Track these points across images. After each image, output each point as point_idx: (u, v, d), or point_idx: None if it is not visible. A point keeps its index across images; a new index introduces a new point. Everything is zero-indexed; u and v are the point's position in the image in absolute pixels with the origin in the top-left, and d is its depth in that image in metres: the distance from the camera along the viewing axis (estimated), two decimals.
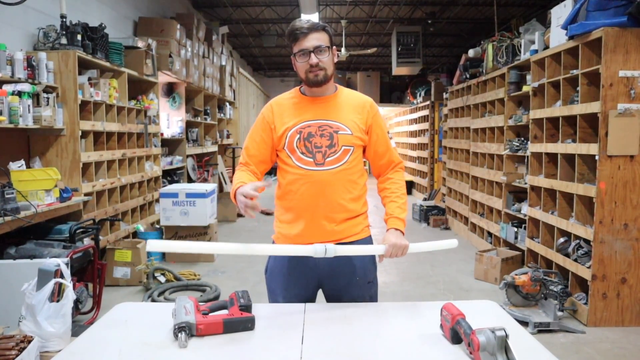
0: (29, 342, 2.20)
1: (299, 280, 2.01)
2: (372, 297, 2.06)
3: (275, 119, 2.01)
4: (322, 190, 1.93)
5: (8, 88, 3.58)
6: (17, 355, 2.06)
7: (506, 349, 1.32)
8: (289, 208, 2.01)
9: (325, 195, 1.93)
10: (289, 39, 1.97)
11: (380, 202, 2.09)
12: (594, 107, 3.73)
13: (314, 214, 1.95)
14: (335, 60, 2.01)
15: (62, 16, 4.33)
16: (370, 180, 2.02)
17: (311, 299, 2.04)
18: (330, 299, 2.05)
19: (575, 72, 4.01)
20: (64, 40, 4.27)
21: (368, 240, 2.06)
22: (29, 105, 3.72)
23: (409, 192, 12.29)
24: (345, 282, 1.99)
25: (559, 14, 4.23)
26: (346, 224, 1.98)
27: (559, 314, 3.71)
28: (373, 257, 2.05)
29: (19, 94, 3.63)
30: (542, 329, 3.65)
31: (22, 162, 3.76)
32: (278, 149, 2.02)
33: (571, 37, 3.99)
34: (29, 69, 3.80)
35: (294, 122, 1.97)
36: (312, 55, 1.90)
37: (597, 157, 3.69)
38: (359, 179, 2.01)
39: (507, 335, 1.33)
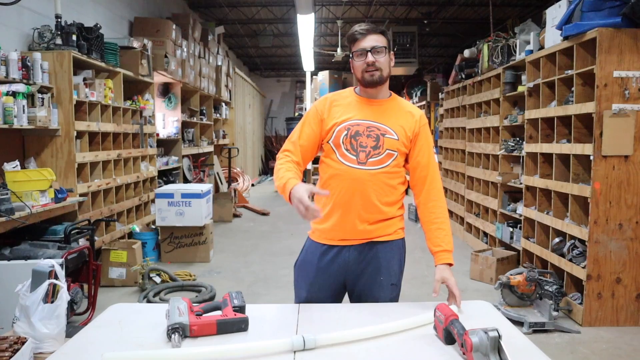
0: (23, 343, 2.19)
1: (327, 279, 2.03)
2: (393, 300, 2.05)
3: (327, 112, 2.06)
4: (359, 188, 1.97)
5: (2, 88, 3.56)
6: (10, 357, 2.05)
7: (499, 350, 1.33)
8: (326, 203, 2.03)
9: (361, 193, 1.97)
10: (349, 41, 2.03)
11: (420, 222, 2.11)
12: (588, 107, 3.74)
13: (348, 210, 1.98)
14: (392, 64, 2.03)
15: (57, 16, 4.32)
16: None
17: (339, 295, 2.05)
18: (353, 298, 2.07)
19: (570, 72, 4.02)
20: (59, 41, 4.26)
21: (400, 244, 2.08)
22: (23, 106, 3.71)
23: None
24: (368, 281, 2.01)
25: (554, 15, 4.24)
26: (378, 225, 2.01)
27: (554, 314, 3.72)
28: (401, 261, 2.07)
29: (14, 94, 3.62)
30: (537, 329, 3.66)
31: (17, 162, 3.74)
32: (324, 142, 2.06)
33: (566, 38, 4.00)
34: (23, 69, 3.79)
35: (344, 119, 2.01)
36: (369, 54, 1.95)
37: (591, 157, 3.71)
38: (398, 185, 2.04)
39: (500, 336, 1.33)
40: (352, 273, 2.02)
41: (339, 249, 2.01)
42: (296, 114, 15.24)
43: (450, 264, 1.98)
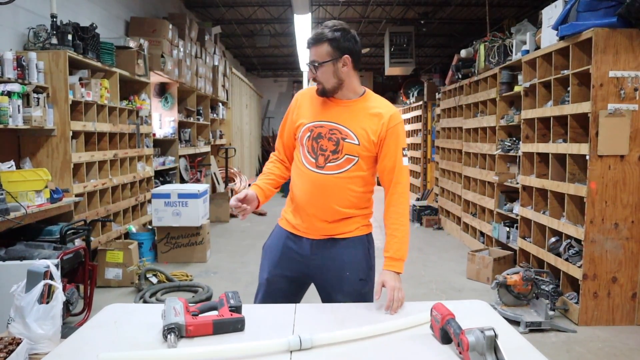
0: (18, 344, 2.18)
1: (289, 264, 2.06)
2: (365, 296, 2.04)
3: (297, 110, 2.08)
4: (317, 192, 1.98)
5: None
6: (5, 358, 2.04)
7: (495, 349, 1.33)
8: (292, 199, 2.09)
9: (319, 197, 1.98)
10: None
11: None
12: (584, 107, 3.75)
13: (308, 212, 2.01)
14: (345, 69, 1.95)
15: (53, 16, 4.30)
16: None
17: (297, 288, 2.06)
18: (322, 294, 2.09)
19: (566, 72, 4.03)
20: (54, 40, 4.24)
21: (364, 239, 2.08)
22: (18, 106, 3.69)
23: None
24: (336, 277, 2.02)
25: (550, 15, 4.25)
26: (338, 223, 2.02)
27: (551, 313, 3.73)
28: (367, 256, 2.07)
29: (9, 94, 3.60)
30: (533, 328, 3.66)
31: (12, 162, 3.73)
32: (295, 137, 2.08)
33: (562, 38, 4.01)
34: (18, 69, 3.78)
35: (309, 119, 2.01)
36: (311, 68, 1.95)
37: (587, 157, 3.71)
38: (362, 187, 2.03)
39: (496, 335, 1.33)
40: (315, 267, 2.04)
41: (303, 239, 2.05)
42: None
43: (398, 272, 1.97)
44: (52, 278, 2.58)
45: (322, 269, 2.03)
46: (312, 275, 2.07)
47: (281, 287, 2.04)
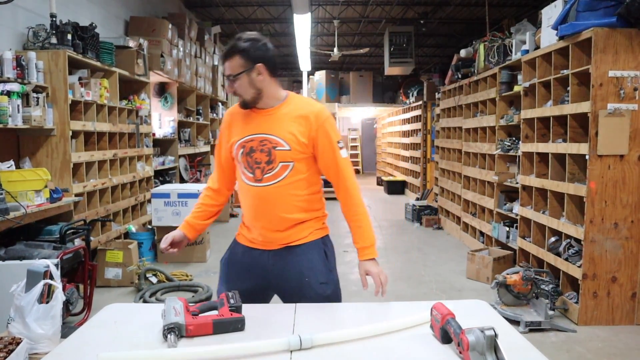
0: (18, 343, 2.18)
1: (247, 277, 2.07)
2: (330, 298, 2.04)
3: (228, 130, 2.09)
4: (263, 205, 2.00)
5: None
6: (5, 357, 2.04)
7: (495, 349, 1.33)
8: (244, 211, 2.11)
9: (266, 210, 2.00)
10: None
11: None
12: (584, 107, 3.75)
13: (257, 225, 2.04)
14: (262, 78, 1.94)
15: (52, 15, 4.30)
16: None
17: (258, 300, 2.02)
18: (284, 300, 2.10)
19: (565, 72, 4.03)
20: (54, 40, 4.24)
21: (318, 243, 2.07)
22: (18, 105, 3.69)
23: (402, 192, 12.31)
24: (296, 284, 2.02)
25: (550, 15, 4.25)
26: (291, 231, 2.02)
27: (550, 313, 3.73)
28: (325, 259, 2.07)
29: (8, 93, 3.60)
30: (533, 327, 3.66)
31: (12, 162, 3.73)
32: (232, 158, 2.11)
33: (561, 38, 4.01)
34: (18, 68, 3.77)
35: (240, 136, 2.01)
36: (229, 82, 1.96)
37: (587, 157, 3.71)
38: (306, 190, 2.02)
39: (496, 335, 1.33)
40: (274, 278, 2.04)
41: (259, 251, 2.06)
42: None
43: (374, 258, 2.02)
44: (52, 278, 2.57)
45: (281, 278, 2.04)
46: (272, 286, 2.08)
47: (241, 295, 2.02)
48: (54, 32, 4.25)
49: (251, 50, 1.91)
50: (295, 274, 2.01)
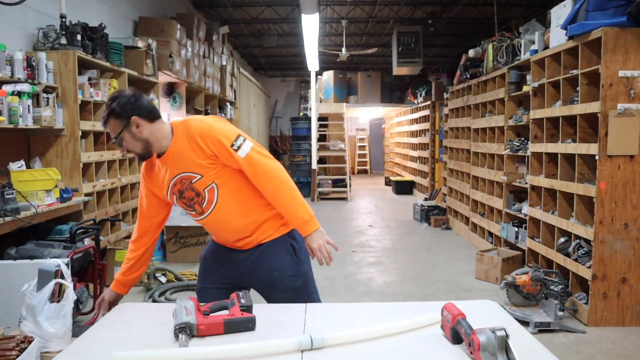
0: (30, 342, 2.19)
1: (220, 270, 2.20)
2: (300, 290, 2.14)
3: (151, 187, 2.16)
4: (221, 227, 2.12)
5: (8, 88, 3.58)
6: (17, 356, 2.06)
7: (507, 349, 1.32)
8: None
9: (225, 228, 2.11)
10: None
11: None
12: (593, 107, 3.73)
13: (223, 239, 2.18)
14: (141, 128, 1.97)
15: (62, 16, 4.33)
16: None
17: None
18: (263, 296, 2.21)
19: (575, 72, 4.01)
20: (63, 40, 4.27)
21: (284, 238, 2.14)
22: (28, 106, 3.72)
23: (410, 192, 12.29)
24: (267, 279, 2.12)
25: (559, 14, 4.23)
26: (256, 233, 2.11)
27: (560, 313, 3.71)
28: (289, 251, 2.14)
29: (19, 94, 3.63)
30: (542, 328, 3.65)
31: (22, 162, 3.75)
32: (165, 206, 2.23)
33: (571, 37, 3.99)
34: (28, 69, 3.80)
35: (165, 186, 2.09)
36: (117, 145, 2.02)
37: (597, 157, 3.69)
38: (246, 194, 2.07)
39: (507, 335, 1.33)
40: (246, 274, 2.15)
41: (234, 250, 2.17)
42: (301, 113, 15.19)
43: (314, 230, 2.03)
44: (62, 277, 2.59)
45: (252, 274, 2.14)
46: (246, 281, 2.17)
47: (215, 295, 2.04)
48: (63, 32, 4.28)
49: (120, 108, 1.96)
50: (264, 269, 2.11)
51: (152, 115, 2.01)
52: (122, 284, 2.20)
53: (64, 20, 4.32)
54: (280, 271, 2.10)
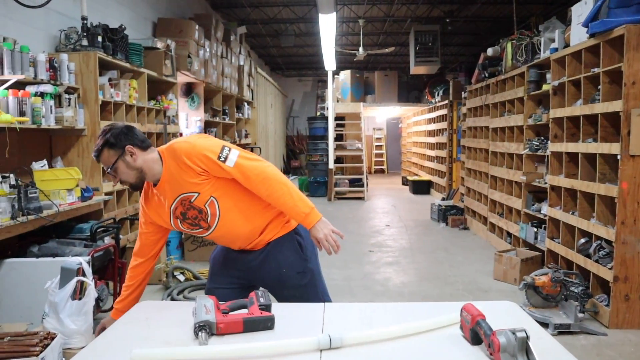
0: (52, 338, 2.24)
1: (229, 270, 2.25)
2: (308, 286, 2.19)
3: (151, 217, 2.19)
4: (228, 236, 2.16)
5: (31, 89, 3.64)
6: (41, 352, 2.10)
7: (527, 351, 1.31)
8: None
9: (233, 237, 2.15)
10: None
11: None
12: (615, 105, 3.67)
13: (235, 246, 2.22)
14: (135, 157, 2.03)
15: (83, 18, 4.39)
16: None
17: (244, 295, 2.08)
18: (271, 293, 2.19)
19: (596, 70, 3.95)
20: (85, 42, 4.33)
21: (289, 235, 2.19)
22: (51, 106, 3.78)
23: (427, 192, 12.23)
24: (275, 276, 2.16)
25: (580, 12, 4.17)
26: (262, 235, 2.16)
27: (580, 315, 3.66)
28: (295, 248, 2.18)
29: (42, 95, 3.69)
30: (562, 330, 3.61)
31: (45, 162, 3.82)
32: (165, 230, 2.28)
33: (592, 35, 3.94)
34: (51, 70, 3.86)
35: (167, 212, 2.13)
36: (112, 177, 2.07)
37: (619, 157, 3.64)
38: (243, 199, 2.10)
39: (527, 337, 1.32)
40: (256, 271, 2.19)
41: (242, 251, 2.22)
42: (318, 113, 15.21)
43: (317, 221, 2.05)
44: (84, 275, 2.64)
45: (260, 272, 2.19)
46: (255, 279, 2.23)
47: (225, 295, 2.06)
48: (85, 34, 4.34)
49: (114, 138, 2.02)
50: (273, 266, 2.16)
51: (145, 144, 2.09)
52: (120, 312, 2.20)
53: (85, 22, 4.38)
54: (288, 268, 2.16)
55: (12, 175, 3.22)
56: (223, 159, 2.00)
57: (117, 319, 2.15)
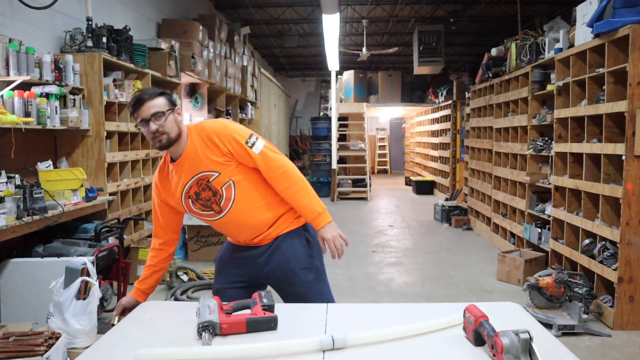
0: (57, 338, 2.24)
1: (239, 272, 2.24)
2: (313, 283, 2.19)
3: (164, 197, 2.20)
4: (237, 225, 2.15)
5: (36, 90, 3.66)
6: (46, 351, 2.10)
7: (530, 352, 1.31)
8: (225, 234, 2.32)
9: (242, 226, 2.15)
10: (131, 111, 2.07)
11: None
12: (620, 106, 3.66)
13: (241, 239, 2.22)
14: (181, 119, 2.08)
15: (88, 19, 4.41)
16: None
17: (246, 294, 2.09)
18: (279, 293, 2.26)
19: (601, 70, 3.94)
20: (89, 43, 4.35)
21: (298, 231, 2.21)
22: (56, 107, 3.80)
23: (431, 192, 12.21)
24: (283, 272, 2.17)
25: (585, 12, 4.16)
26: (271, 228, 2.16)
27: (584, 316, 3.65)
28: (303, 244, 2.19)
29: (47, 95, 3.71)
30: (566, 331, 3.60)
31: (50, 162, 3.83)
32: (179, 213, 2.27)
33: (597, 35, 3.92)
34: (56, 71, 3.88)
35: (179, 191, 2.12)
36: (151, 123, 2.00)
37: (623, 157, 3.63)
38: (261, 189, 2.13)
39: (531, 338, 1.32)
40: (263, 267, 2.19)
41: (249, 247, 2.22)
42: (321, 113, 15.19)
43: (328, 223, 2.10)
44: (88, 275, 2.64)
45: (267, 268, 2.18)
46: (263, 277, 2.22)
47: (232, 295, 2.09)
48: (89, 35, 4.36)
49: (168, 95, 2.07)
50: (280, 261, 2.16)
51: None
52: (143, 292, 2.25)
53: (90, 23, 4.40)
54: (294, 263, 2.16)
55: (17, 176, 3.24)
56: (250, 145, 2.06)
57: (137, 298, 2.20)
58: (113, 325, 2.10)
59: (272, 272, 2.19)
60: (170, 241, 2.30)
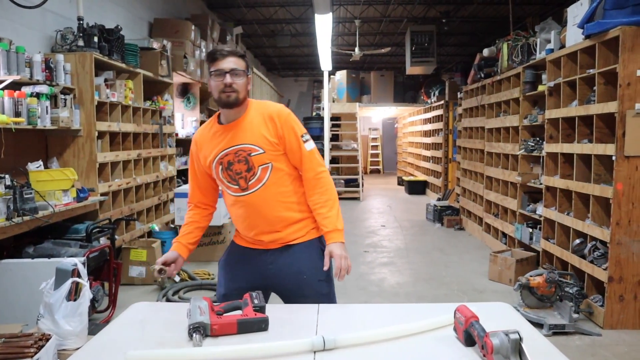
0: (47, 340, 2.24)
1: (245, 277, 2.14)
2: (327, 296, 2.13)
3: (199, 154, 2.16)
4: (254, 212, 2.09)
5: (27, 90, 3.64)
6: (35, 353, 2.10)
7: (520, 352, 1.32)
8: (236, 223, 2.20)
9: (258, 215, 2.08)
10: (208, 60, 2.05)
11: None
12: (610, 107, 3.69)
13: (252, 229, 2.12)
14: (249, 87, 2.08)
15: (79, 18, 4.39)
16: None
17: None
18: (284, 300, 2.16)
19: (591, 71, 3.97)
20: (81, 42, 4.33)
21: (315, 242, 2.15)
22: (47, 107, 3.78)
23: (423, 192, 12.24)
24: (295, 282, 2.10)
25: (576, 13, 4.19)
26: (288, 230, 2.11)
27: (575, 316, 3.68)
28: (321, 257, 2.12)
29: (38, 95, 3.69)
30: (557, 331, 3.62)
31: (40, 162, 3.81)
32: (210, 177, 2.19)
33: (588, 36, 3.95)
34: (47, 70, 3.86)
35: (214, 154, 2.09)
36: (228, 75, 1.99)
37: (614, 158, 3.65)
38: (291, 185, 2.11)
39: (521, 338, 1.33)
40: (272, 276, 2.12)
41: (259, 251, 2.14)
42: (314, 113, 15.20)
43: (341, 242, 2.08)
44: (79, 276, 2.63)
45: (279, 276, 2.11)
46: (270, 284, 2.14)
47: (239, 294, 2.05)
48: (81, 34, 4.34)
49: (248, 63, 2.08)
50: (294, 271, 2.10)
51: None
52: (185, 247, 2.18)
53: (81, 22, 4.38)
54: (310, 275, 2.10)
55: (7, 176, 3.22)
56: (304, 140, 2.09)
57: (180, 253, 2.13)
58: (158, 272, 2.04)
59: (284, 281, 2.12)
60: (204, 207, 2.28)
